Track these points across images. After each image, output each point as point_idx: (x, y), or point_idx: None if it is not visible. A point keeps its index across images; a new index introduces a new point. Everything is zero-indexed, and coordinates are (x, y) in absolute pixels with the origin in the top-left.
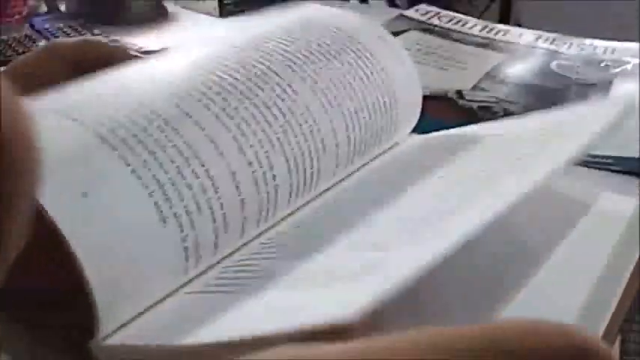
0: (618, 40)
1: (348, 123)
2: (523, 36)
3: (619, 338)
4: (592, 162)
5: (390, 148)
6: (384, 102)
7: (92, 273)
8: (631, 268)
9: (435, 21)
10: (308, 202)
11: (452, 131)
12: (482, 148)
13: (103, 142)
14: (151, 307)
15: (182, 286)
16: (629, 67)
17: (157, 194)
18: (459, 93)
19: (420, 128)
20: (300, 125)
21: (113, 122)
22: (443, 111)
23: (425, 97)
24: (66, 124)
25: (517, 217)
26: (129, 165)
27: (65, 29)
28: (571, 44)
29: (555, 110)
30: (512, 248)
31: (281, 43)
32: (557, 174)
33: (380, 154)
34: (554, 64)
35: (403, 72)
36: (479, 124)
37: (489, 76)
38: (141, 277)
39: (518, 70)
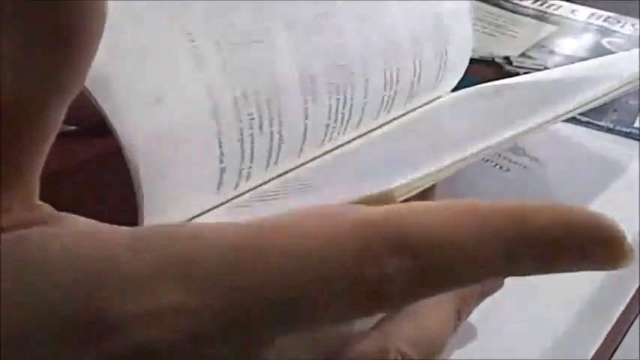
0: None
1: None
2: (577, 12)
3: None
4: (631, 133)
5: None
6: (436, 48)
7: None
8: None
9: None
10: (347, 143)
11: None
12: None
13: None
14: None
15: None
16: None
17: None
18: (507, 59)
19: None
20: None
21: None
22: (487, 75)
23: (471, 60)
24: None
25: (551, 175)
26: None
27: None
28: (625, 23)
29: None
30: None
31: None
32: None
33: (421, 106)
34: (605, 41)
35: (458, 25)
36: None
37: (539, 45)
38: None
39: (569, 42)
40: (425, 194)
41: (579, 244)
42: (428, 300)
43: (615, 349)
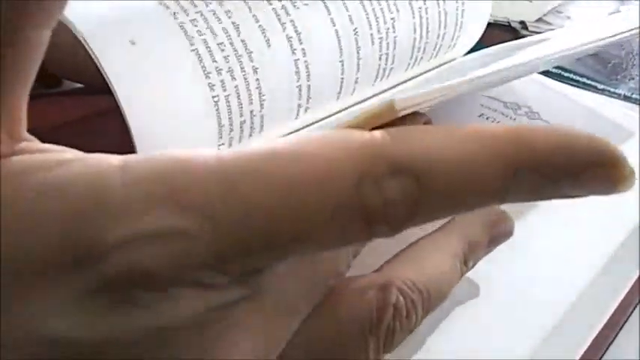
0: None
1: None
2: None
3: None
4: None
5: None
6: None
7: (132, 118)
8: None
9: None
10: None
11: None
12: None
13: (160, 2)
14: None
15: None
16: None
17: (201, 49)
18: (523, 23)
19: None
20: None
21: None
22: (503, 40)
23: (487, 25)
24: None
25: None
26: (177, 19)
27: None
28: None
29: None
30: None
31: None
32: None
33: (435, 67)
34: (623, 8)
35: None
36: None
37: (556, 11)
38: (178, 129)
39: (586, 9)
40: None
41: (581, 166)
42: (432, 244)
43: (614, 338)
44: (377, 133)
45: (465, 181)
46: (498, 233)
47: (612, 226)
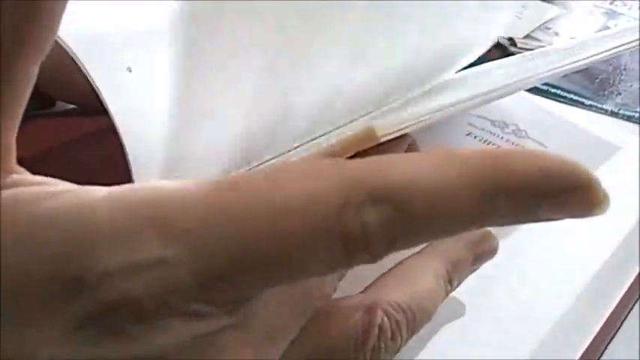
0: None
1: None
2: None
3: None
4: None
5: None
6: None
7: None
8: None
9: None
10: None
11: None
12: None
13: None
14: None
15: None
16: None
17: None
18: (511, 40)
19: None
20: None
21: None
22: (491, 57)
23: None
24: None
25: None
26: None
27: None
28: (631, 6)
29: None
30: None
31: None
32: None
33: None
34: (611, 24)
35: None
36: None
37: (544, 27)
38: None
39: (575, 25)
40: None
41: (556, 190)
42: (416, 264)
43: (612, 338)
44: (357, 162)
45: (442, 207)
46: (482, 251)
47: (612, 226)
